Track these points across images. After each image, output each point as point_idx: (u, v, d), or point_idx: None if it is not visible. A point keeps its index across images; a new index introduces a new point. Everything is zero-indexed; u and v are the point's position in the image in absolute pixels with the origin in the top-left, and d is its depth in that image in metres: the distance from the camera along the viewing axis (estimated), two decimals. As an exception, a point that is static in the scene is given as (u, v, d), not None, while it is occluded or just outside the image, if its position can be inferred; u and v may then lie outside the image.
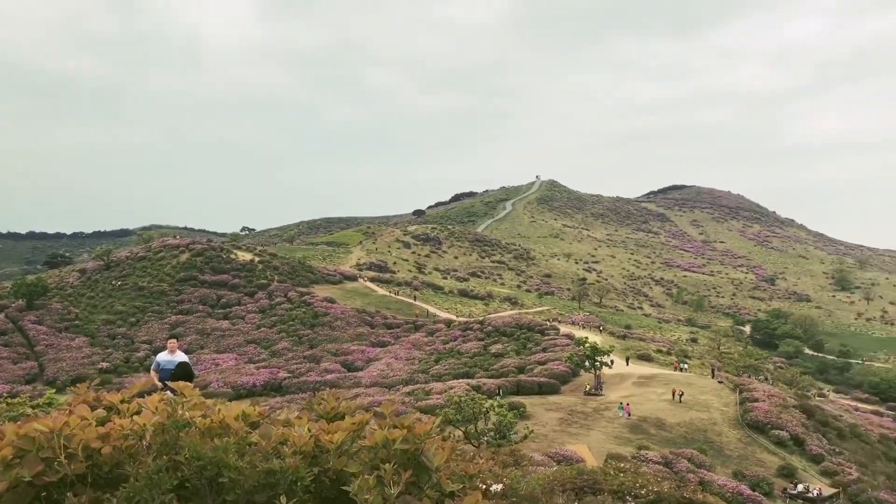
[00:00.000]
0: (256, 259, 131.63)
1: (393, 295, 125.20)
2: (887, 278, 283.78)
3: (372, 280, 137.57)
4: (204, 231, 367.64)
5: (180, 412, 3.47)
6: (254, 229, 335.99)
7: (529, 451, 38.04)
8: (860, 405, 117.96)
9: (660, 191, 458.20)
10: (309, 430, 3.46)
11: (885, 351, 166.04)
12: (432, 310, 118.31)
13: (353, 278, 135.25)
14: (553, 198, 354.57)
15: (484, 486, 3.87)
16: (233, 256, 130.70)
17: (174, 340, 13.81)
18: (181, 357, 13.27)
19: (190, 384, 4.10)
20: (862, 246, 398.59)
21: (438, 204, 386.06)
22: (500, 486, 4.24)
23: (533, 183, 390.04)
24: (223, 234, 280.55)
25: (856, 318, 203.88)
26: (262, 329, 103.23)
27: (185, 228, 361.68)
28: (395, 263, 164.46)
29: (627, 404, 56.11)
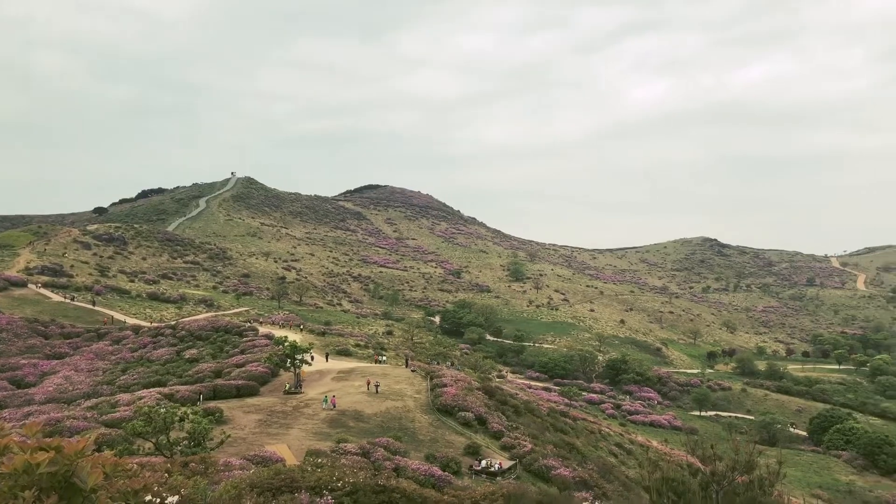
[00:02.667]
0: None
1: (70, 301, 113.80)
2: (552, 269, 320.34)
3: (46, 286, 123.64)
4: None
5: None
6: None
7: (227, 457, 36.91)
8: (532, 383, 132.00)
9: (356, 190, 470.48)
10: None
11: (552, 334, 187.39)
12: (118, 316, 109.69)
13: (21, 284, 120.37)
14: (250, 195, 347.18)
15: (157, 500, 3.69)
16: None
17: None
18: None
19: None
20: (532, 241, 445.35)
21: (123, 201, 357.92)
22: (175, 498, 4.05)
23: (228, 180, 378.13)
24: None
25: (528, 306, 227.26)
26: None
27: None
28: (72, 266, 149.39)
29: (334, 396, 57.00)
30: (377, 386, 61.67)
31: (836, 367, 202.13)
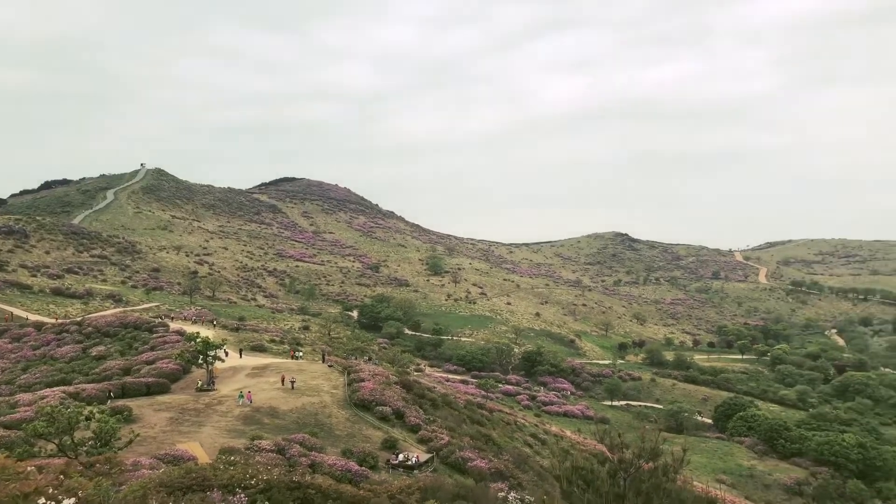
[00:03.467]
0: None
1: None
2: (470, 263, 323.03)
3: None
4: None
5: None
6: None
7: (136, 457, 35.82)
8: (450, 376, 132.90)
9: (271, 182, 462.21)
10: None
11: (470, 327, 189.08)
12: (19, 312, 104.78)
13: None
14: (160, 187, 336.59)
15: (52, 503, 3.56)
16: None
17: None
18: None
19: None
20: (450, 235, 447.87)
21: (25, 192, 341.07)
22: (72, 501, 3.90)
23: (138, 171, 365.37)
24: None
25: (446, 300, 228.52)
26: None
27: None
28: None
29: (249, 392, 56.00)
30: (293, 382, 60.91)
31: (740, 356, 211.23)
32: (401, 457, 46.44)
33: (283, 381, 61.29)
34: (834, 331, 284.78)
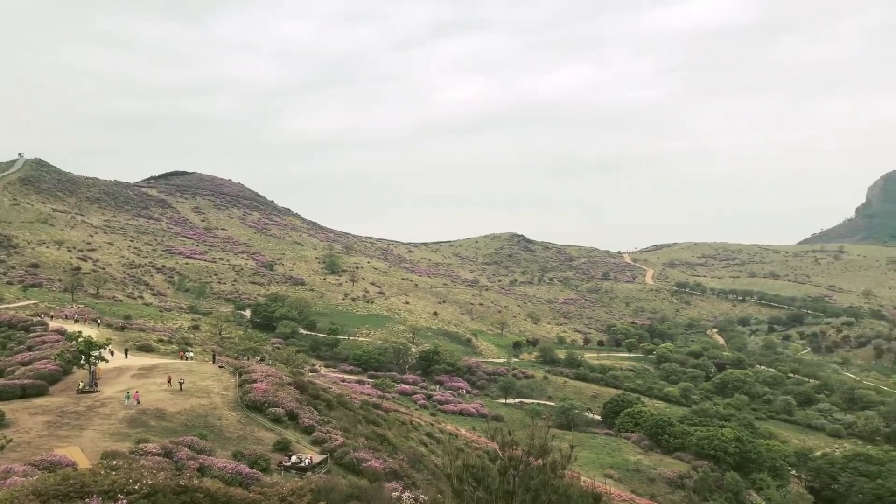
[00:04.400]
0: None
1: None
2: (368, 262, 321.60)
3: None
4: None
5: None
6: None
7: (8, 463, 33.79)
8: (346, 376, 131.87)
9: (161, 176, 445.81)
10: None
11: (367, 326, 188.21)
12: None
13: None
14: (40, 179, 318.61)
15: None
16: None
17: None
18: None
19: None
20: (348, 234, 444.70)
21: None
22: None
23: (15, 161, 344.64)
24: None
25: (343, 299, 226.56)
26: None
27: None
28: None
29: (137, 392, 53.86)
30: (181, 383, 58.96)
31: (628, 354, 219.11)
32: (294, 458, 45.71)
33: (170, 381, 59.26)
34: (715, 330, 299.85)
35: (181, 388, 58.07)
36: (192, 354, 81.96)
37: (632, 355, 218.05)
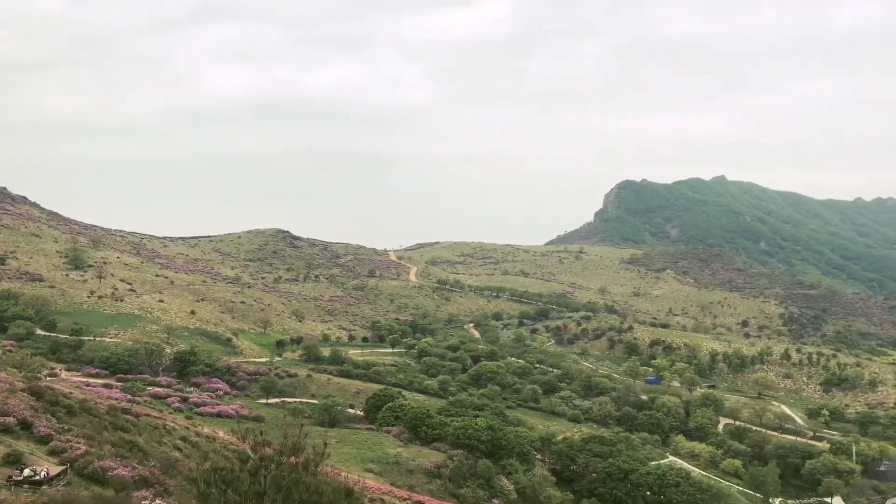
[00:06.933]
0: None
1: None
2: (118, 257, 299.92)
3: None
4: None
5: None
6: None
7: None
8: (92, 380, 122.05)
9: None
10: None
11: (116, 326, 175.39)
12: None
13: None
14: None
15: None
16: None
17: None
18: None
19: None
20: (95, 226, 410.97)
21: None
22: None
23: None
24: None
25: (89, 297, 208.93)
26: None
27: None
28: None
29: None
30: None
31: (391, 350, 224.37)
32: (26, 472, 41.54)
33: None
34: (472, 325, 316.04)
35: None
36: None
37: (395, 350, 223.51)
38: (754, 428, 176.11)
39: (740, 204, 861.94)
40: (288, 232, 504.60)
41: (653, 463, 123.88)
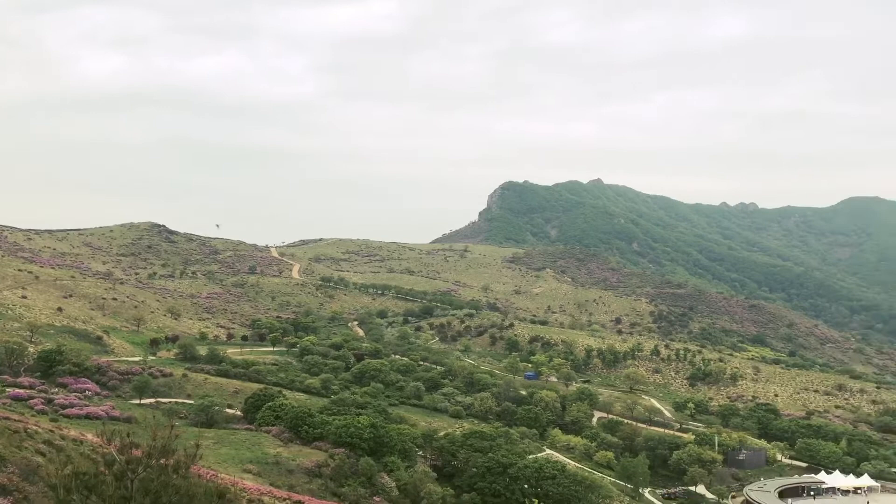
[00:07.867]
0: None
1: None
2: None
3: None
4: None
5: None
6: None
7: None
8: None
9: None
10: None
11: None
12: None
13: None
14: None
15: None
16: None
17: None
18: None
19: None
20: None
21: None
22: None
23: None
24: None
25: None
26: None
27: None
28: None
29: None
30: None
31: (272, 348, 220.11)
32: None
33: None
34: (356, 322, 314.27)
35: None
36: None
37: (276, 349, 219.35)
38: (626, 421, 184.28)
39: (615, 206, 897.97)
40: (164, 226, 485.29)
41: (531, 456, 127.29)
